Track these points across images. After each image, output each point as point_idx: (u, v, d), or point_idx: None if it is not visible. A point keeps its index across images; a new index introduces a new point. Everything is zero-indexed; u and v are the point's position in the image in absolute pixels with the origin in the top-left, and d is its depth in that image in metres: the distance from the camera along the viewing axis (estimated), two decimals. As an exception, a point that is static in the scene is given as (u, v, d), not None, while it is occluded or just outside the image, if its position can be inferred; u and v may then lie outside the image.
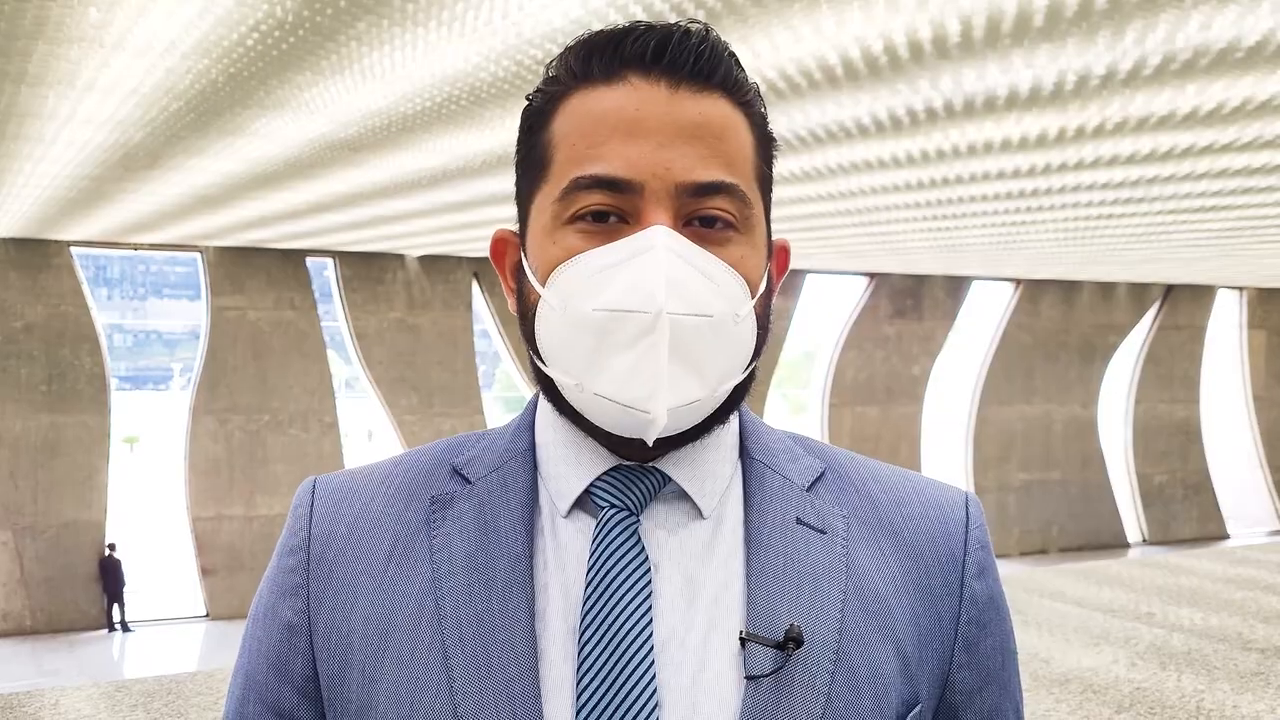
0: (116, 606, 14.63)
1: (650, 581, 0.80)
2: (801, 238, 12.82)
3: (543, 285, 0.80)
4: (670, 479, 0.84)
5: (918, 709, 0.83)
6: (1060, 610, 7.02)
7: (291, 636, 0.85)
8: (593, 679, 0.76)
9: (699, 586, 0.81)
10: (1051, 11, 4.82)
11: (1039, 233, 12.46)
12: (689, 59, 0.79)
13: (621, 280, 0.76)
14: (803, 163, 8.32)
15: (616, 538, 0.81)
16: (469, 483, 0.86)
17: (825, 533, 0.85)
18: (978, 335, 19.85)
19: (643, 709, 0.75)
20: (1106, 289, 20.05)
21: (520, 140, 0.86)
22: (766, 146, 0.85)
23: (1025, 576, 8.85)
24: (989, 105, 6.53)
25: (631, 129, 0.78)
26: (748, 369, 0.82)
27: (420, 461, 0.90)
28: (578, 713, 0.76)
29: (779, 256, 0.88)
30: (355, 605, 0.83)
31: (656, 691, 0.76)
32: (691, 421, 0.80)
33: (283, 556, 0.88)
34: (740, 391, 0.83)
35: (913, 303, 18.75)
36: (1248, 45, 5.24)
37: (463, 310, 16.16)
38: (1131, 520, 20.60)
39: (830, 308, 19.93)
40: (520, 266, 0.84)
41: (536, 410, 0.90)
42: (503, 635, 0.78)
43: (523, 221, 0.85)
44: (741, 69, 0.83)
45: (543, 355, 0.82)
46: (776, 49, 5.43)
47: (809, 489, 0.87)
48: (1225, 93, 6.15)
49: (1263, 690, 5.32)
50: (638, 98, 0.78)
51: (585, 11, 4.89)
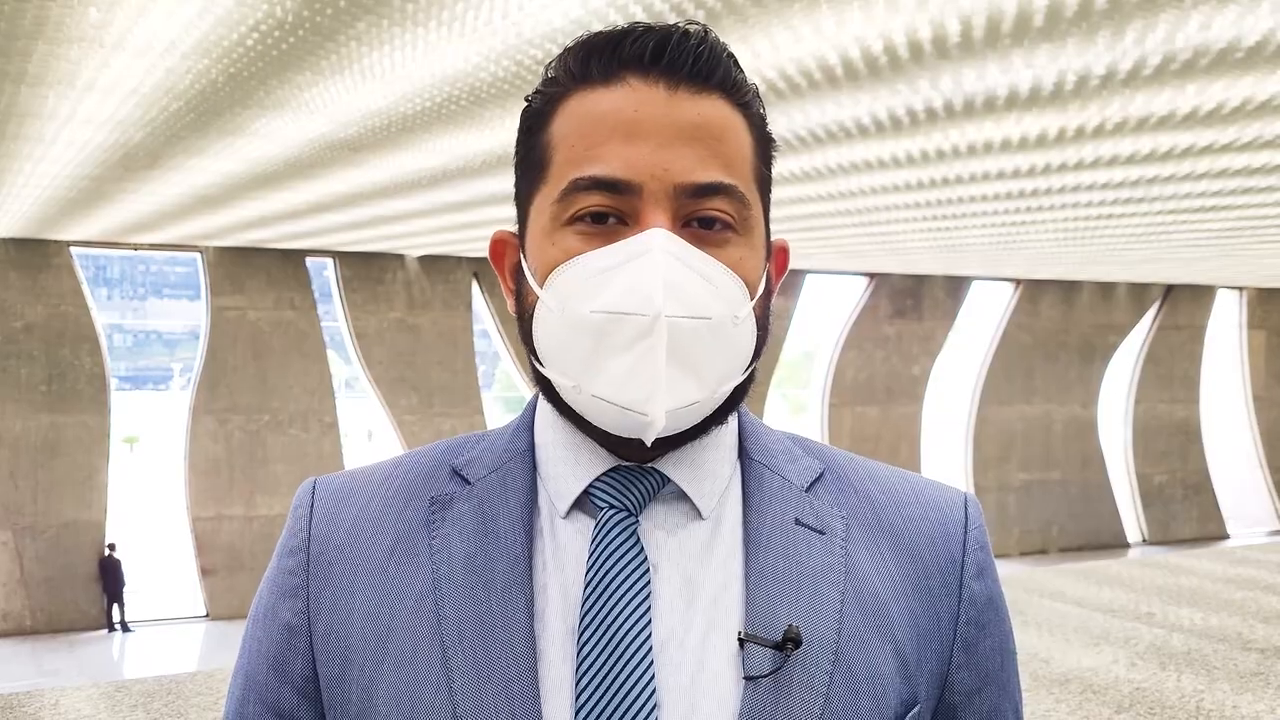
0: (116, 606, 14.64)
1: (649, 582, 0.80)
2: (801, 238, 12.82)
3: (541, 286, 0.80)
4: (669, 480, 0.84)
5: (916, 709, 0.83)
6: (1060, 610, 7.02)
7: (291, 637, 0.85)
8: (591, 679, 0.76)
9: (698, 587, 0.81)
10: (1051, 11, 4.82)
11: (1039, 233, 12.46)
12: (687, 60, 0.79)
13: (619, 283, 0.76)
14: (803, 163, 8.32)
15: (615, 538, 0.81)
16: (468, 483, 0.86)
17: (824, 533, 0.85)
18: (978, 335, 19.84)
19: (641, 709, 0.75)
20: (1106, 289, 20.05)
21: (519, 141, 0.86)
22: (765, 147, 0.85)
23: (1025, 576, 8.84)
24: (989, 105, 6.53)
25: (630, 130, 0.78)
26: (747, 370, 0.82)
27: (420, 462, 0.90)
28: (577, 713, 0.76)
29: (778, 257, 0.88)
30: (355, 606, 0.83)
31: (655, 692, 0.76)
32: (690, 422, 0.80)
33: (282, 557, 0.88)
34: (740, 392, 0.83)
35: (913, 303, 18.76)
36: (1248, 45, 5.24)
37: (463, 310, 16.16)
38: (1131, 520, 20.60)
39: (830, 308, 19.94)
40: (519, 267, 0.84)
41: (536, 411, 0.90)
42: (502, 636, 0.79)
43: (522, 223, 0.85)
44: (740, 70, 0.83)
45: (541, 356, 0.82)
46: (776, 49, 5.43)
47: (808, 490, 0.87)
48: (1225, 93, 6.15)
49: (1263, 690, 5.32)
50: (636, 99, 0.78)
51: (585, 11, 4.89)
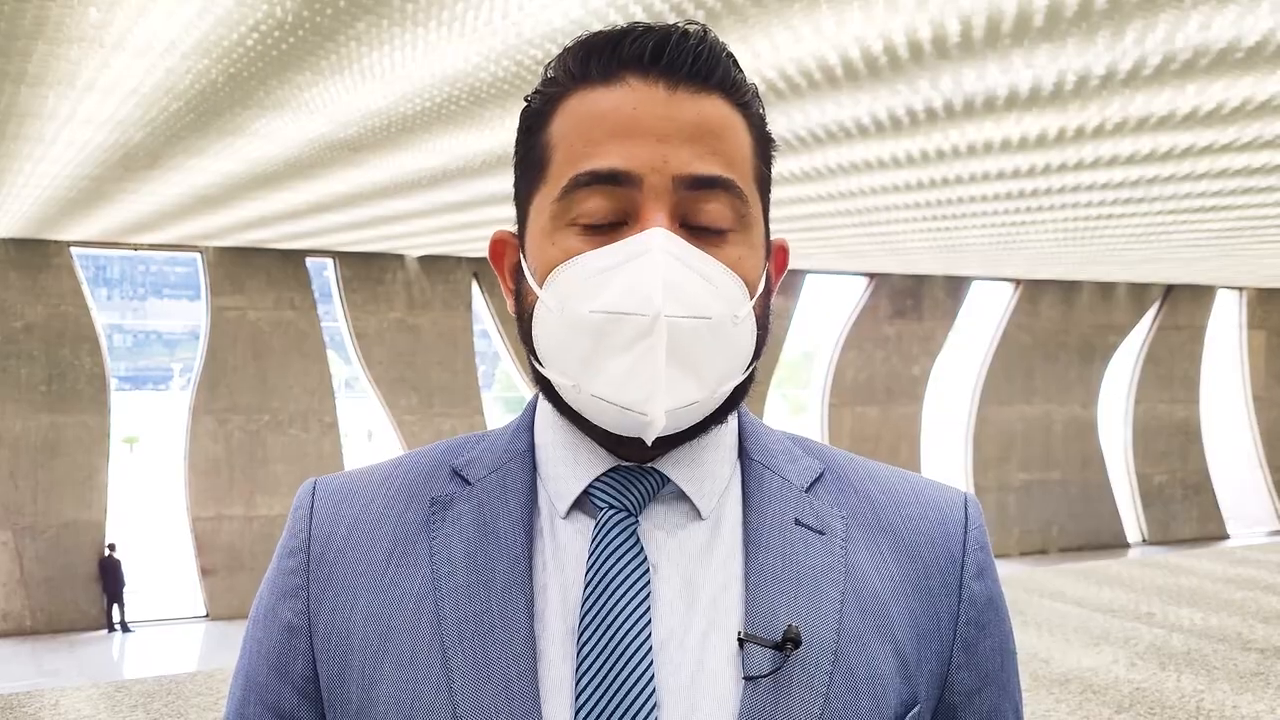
0: (116, 606, 14.63)
1: (649, 582, 0.80)
2: (801, 238, 12.82)
3: (541, 286, 0.80)
4: (669, 480, 0.84)
5: (916, 709, 0.83)
6: (1060, 610, 7.02)
7: (292, 637, 0.85)
8: (591, 679, 0.76)
9: (697, 587, 0.81)
10: (1051, 11, 4.82)
11: (1039, 233, 12.46)
12: (687, 60, 0.79)
13: (619, 283, 0.76)
14: (803, 163, 8.32)
15: (615, 538, 0.81)
16: (468, 484, 0.86)
17: (824, 534, 0.85)
18: (977, 335, 19.84)
19: (641, 709, 0.75)
20: (1106, 289, 20.05)
21: (519, 141, 0.86)
22: (765, 147, 0.85)
23: (1025, 576, 8.84)
24: (989, 105, 6.53)
25: (629, 129, 0.78)
26: (747, 370, 0.82)
27: (420, 463, 0.91)
28: (576, 713, 0.76)
29: (778, 256, 0.88)
30: (355, 606, 0.83)
31: (655, 692, 0.76)
32: (690, 421, 0.80)
33: (283, 558, 0.88)
34: (740, 392, 0.83)
35: (913, 303, 18.76)
36: (1248, 45, 5.24)
37: (463, 310, 16.16)
38: (1131, 520, 20.60)
39: (830, 308, 19.95)
40: (519, 268, 0.84)
41: (536, 411, 0.90)
42: (502, 636, 0.79)
43: (521, 222, 0.85)
44: (740, 70, 0.83)
45: (540, 356, 0.82)
46: (776, 49, 5.43)
47: (808, 490, 0.87)
48: (1225, 93, 6.15)
49: (1262, 690, 5.32)
50: (635, 98, 0.78)
51: (585, 11, 4.89)
